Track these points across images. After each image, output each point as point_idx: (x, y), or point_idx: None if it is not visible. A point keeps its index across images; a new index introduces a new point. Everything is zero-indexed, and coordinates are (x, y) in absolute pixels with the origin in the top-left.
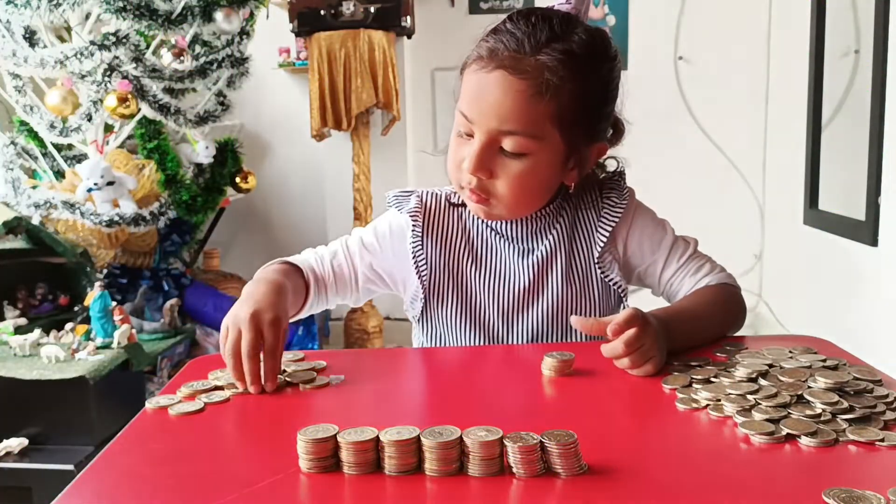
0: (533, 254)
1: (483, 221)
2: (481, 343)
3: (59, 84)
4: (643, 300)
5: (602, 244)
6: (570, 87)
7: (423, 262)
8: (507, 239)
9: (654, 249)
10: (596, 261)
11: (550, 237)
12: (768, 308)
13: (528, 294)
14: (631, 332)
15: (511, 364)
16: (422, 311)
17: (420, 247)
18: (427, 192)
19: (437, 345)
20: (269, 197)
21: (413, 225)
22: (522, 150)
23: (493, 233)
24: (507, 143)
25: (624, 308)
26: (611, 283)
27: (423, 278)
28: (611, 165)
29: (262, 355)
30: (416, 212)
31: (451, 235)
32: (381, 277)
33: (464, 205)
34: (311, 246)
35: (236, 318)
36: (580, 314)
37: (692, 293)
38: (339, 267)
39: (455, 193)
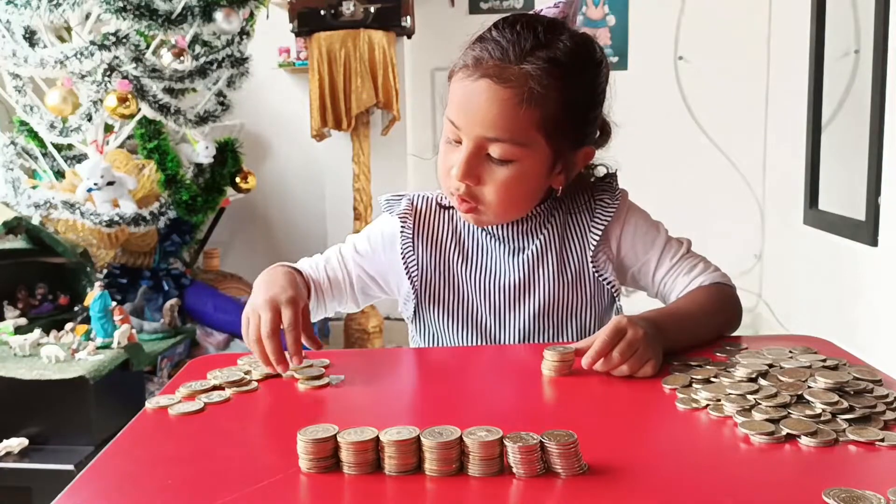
0: (523, 252)
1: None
2: (474, 341)
3: (59, 84)
4: (638, 301)
5: (595, 243)
6: (555, 95)
7: (413, 262)
8: (497, 238)
9: (646, 249)
10: (590, 260)
11: (541, 237)
12: (768, 308)
13: (519, 291)
14: (622, 340)
15: (511, 364)
16: (414, 311)
17: (410, 248)
18: (417, 195)
19: (432, 344)
20: (269, 197)
21: (402, 226)
22: (509, 157)
23: (482, 232)
24: (494, 150)
25: (617, 308)
26: (604, 283)
27: (414, 279)
28: (602, 170)
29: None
30: (405, 214)
31: (441, 236)
32: (375, 281)
33: (454, 206)
34: (311, 245)
35: (253, 305)
36: (572, 313)
37: (685, 294)
38: (334, 272)
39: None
